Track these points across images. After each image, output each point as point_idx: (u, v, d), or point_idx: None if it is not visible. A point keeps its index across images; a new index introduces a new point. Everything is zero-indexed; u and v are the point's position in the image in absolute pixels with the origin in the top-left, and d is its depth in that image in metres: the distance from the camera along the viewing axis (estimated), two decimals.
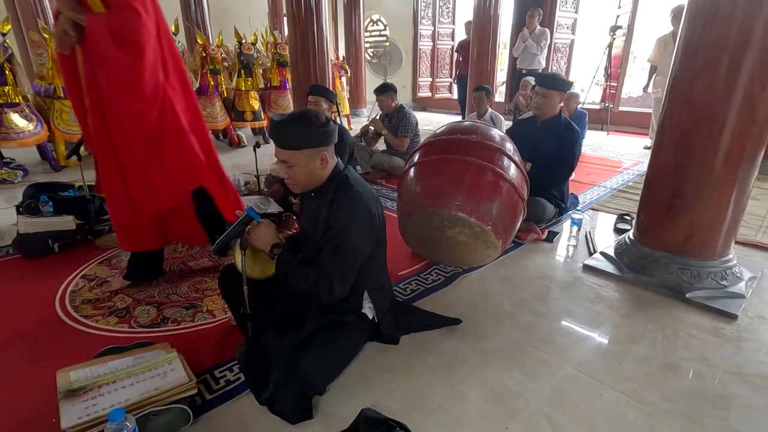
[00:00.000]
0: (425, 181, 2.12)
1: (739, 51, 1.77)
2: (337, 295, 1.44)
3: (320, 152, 1.41)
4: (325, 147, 1.42)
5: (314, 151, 1.40)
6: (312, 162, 1.42)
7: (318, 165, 1.43)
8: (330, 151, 1.46)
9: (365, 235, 1.46)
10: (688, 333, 1.79)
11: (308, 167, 1.42)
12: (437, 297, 2.08)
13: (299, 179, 1.46)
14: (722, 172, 1.92)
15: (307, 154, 1.40)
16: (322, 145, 1.41)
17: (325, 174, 1.48)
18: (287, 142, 1.39)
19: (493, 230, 1.99)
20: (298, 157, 1.40)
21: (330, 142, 1.44)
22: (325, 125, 1.40)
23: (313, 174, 1.45)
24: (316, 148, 1.40)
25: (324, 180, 1.50)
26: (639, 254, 2.23)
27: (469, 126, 2.24)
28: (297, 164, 1.41)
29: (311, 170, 1.43)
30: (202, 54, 5.24)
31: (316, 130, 1.38)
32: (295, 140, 1.38)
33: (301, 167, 1.42)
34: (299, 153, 1.39)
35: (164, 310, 1.95)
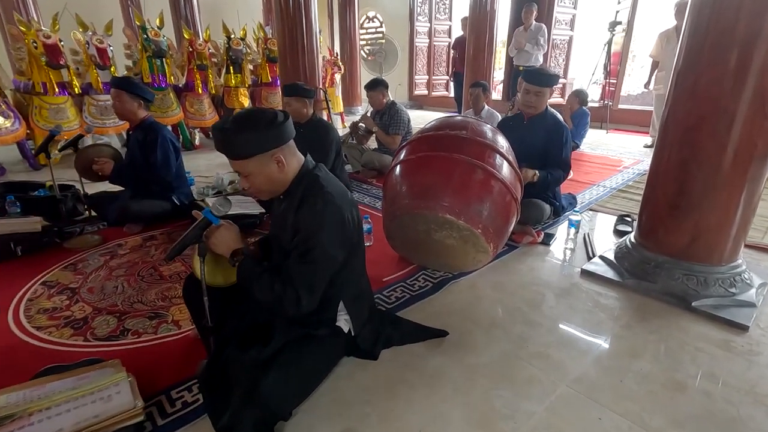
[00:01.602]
0: (411, 180, 1.97)
1: (750, 41, 1.62)
2: (305, 307, 1.29)
3: (274, 155, 1.26)
4: (279, 148, 1.26)
5: (266, 155, 1.24)
6: (267, 167, 1.26)
7: (276, 169, 1.28)
8: (288, 150, 1.30)
9: (337, 241, 1.30)
10: (694, 346, 1.64)
11: (265, 174, 1.27)
12: (424, 305, 1.93)
13: (260, 187, 1.31)
14: (731, 171, 1.78)
15: (259, 160, 1.24)
16: (273, 147, 1.25)
17: (288, 176, 1.32)
18: (233, 151, 1.24)
19: (484, 233, 1.84)
20: (251, 165, 1.25)
21: (283, 140, 1.27)
22: (272, 124, 1.24)
23: (273, 179, 1.30)
24: (268, 152, 1.24)
25: (290, 181, 1.34)
26: (640, 259, 2.08)
27: (459, 121, 2.09)
28: (252, 173, 1.27)
29: (269, 176, 1.28)
30: (188, 49, 5.07)
31: (262, 133, 1.22)
32: (242, 149, 1.22)
33: (257, 175, 1.27)
34: (250, 161, 1.24)
35: (126, 320, 1.79)
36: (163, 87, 4.94)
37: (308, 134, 3.17)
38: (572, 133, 5.18)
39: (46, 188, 3.03)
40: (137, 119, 2.72)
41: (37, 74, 4.17)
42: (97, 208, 2.91)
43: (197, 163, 4.78)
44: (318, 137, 3.11)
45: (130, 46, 5.06)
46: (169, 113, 5.05)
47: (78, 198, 2.97)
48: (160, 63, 4.84)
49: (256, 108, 1.33)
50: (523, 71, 5.81)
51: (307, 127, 3.18)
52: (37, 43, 4.04)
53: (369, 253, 2.45)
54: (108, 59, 4.46)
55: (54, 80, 4.26)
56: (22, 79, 4.33)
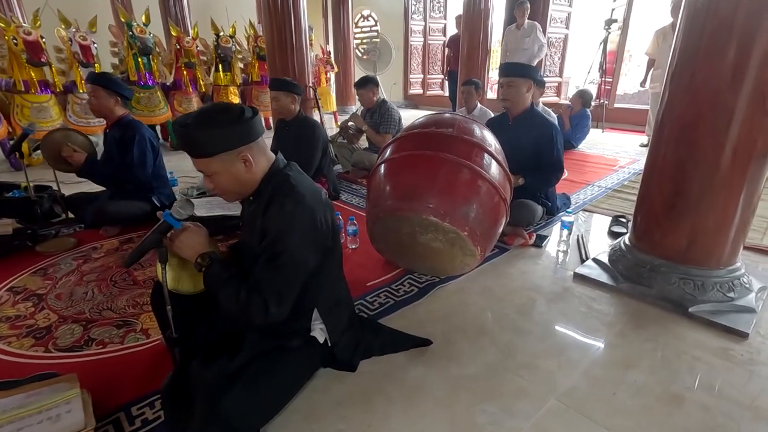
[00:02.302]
0: (394, 180, 1.87)
1: (750, 32, 1.54)
2: (274, 316, 1.19)
3: (241, 153, 1.16)
4: (246, 146, 1.17)
5: (232, 154, 1.15)
6: (233, 167, 1.17)
7: (242, 168, 1.18)
8: (257, 149, 1.21)
9: (307, 245, 1.21)
10: (692, 355, 1.55)
11: (231, 174, 1.18)
12: (408, 311, 1.84)
13: (226, 188, 1.21)
14: (729, 170, 1.69)
15: (224, 159, 1.14)
16: (240, 144, 1.15)
17: (256, 176, 1.23)
18: (195, 150, 1.14)
19: (470, 236, 1.75)
20: (215, 164, 1.15)
21: (251, 138, 1.18)
22: (239, 120, 1.14)
23: (240, 179, 1.20)
24: (234, 150, 1.15)
25: (258, 181, 1.25)
26: (635, 261, 1.99)
27: (446, 118, 1.99)
28: (216, 173, 1.17)
29: (235, 176, 1.19)
30: (176, 47, 4.97)
31: (227, 129, 1.12)
32: (205, 147, 1.13)
33: (223, 175, 1.17)
34: (214, 160, 1.14)
35: (92, 329, 1.69)
36: (150, 85, 4.84)
37: (294, 132, 3.08)
38: (569, 135, 5.12)
39: (21, 189, 2.92)
40: (114, 117, 2.62)
41: (18, 72, 4.06)
42: (75, 210, 2.81)
43: (185, 163, 4.67)
44: (304, 135, 3.02)
45: (116, 44, 4.95)
46: (156, 112, 4.95)
47: (55, 199, 2.86)
48: (147, 61, 4.73)
49: (222, 103, 1.24)
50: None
51: (294, 125, 3.09)
52: (17, 40, 3.92)
53: (355, 256, 2.39)
54: (92, 57, 4.35)
55: (36, 78, 4.15)
56: (3, 77, 4.21)
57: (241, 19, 5.65)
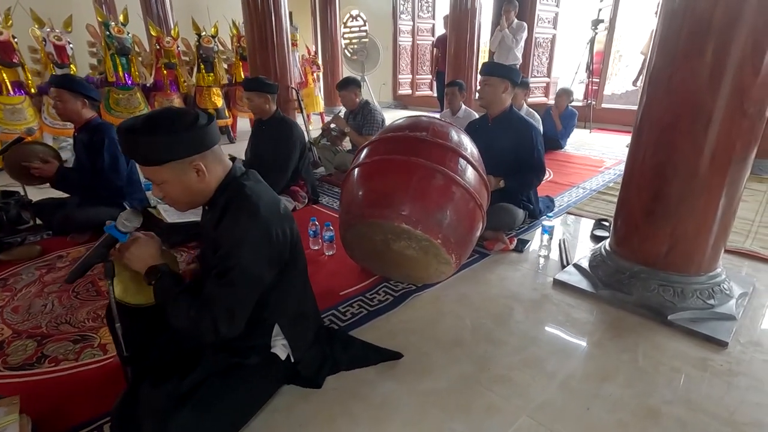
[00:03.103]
0: (366, 186, 1.81)
1: (727, 29, 1.49)
2: (225, 334, 1.12)
3: (193, 162, 1.08)
4: (200, 154, 1.09)
5: (183, 163, 1.07)
6: (184, 176, 1.09)
7: (194, 178, 1.10)
8: (211, 157, 1.13)
9: (260, 259, 1.14)
10: (670, 366, 1.50)
11: (182, 183, 1.10)
12: (382, 322, 1.77)
13: (176, 198, 1.14)
14: (709, 174, 1.65)
15: (174, 168, 1.07)
16: (192, 153, 1.07)
17: (209, 185, 1.15)
18: (143, 157, 1.06)
19: (444, 244, 1.69)
20: (164, 173, 1.07)
21: (205, 146, 1.10)
22: (191, 127, 1.06)
23: (192, 189, 1.12)
24: (186, 159, 1.07)
25: (213, 191, 1.18)
26: (615, 268, 1.94)
27: (421, 122, 1.93)
28: (166, 182, 1.09)
29: (187, 186, 1.11)
30: (156, 47, 4.86)
31: (178, 136, 1.04)
32: (153, 154, 1.05)
33: (173, 185, 1.10)
34: (163, 169, 1.06)
35: (46, 345, 1.61)
36: (129, 86, 4.71)
37: (270, 132, 3.00)
38: (561, 134, 5.09)
39: None
40: (82, 120, 2.52)
41: None
42: (43, 216, 2.71)
43: None
44: (281, 135, 2.95)
45: (94, 44, 4.83)
46: (136, 114, 4.83)
47: (23, 205, 2.76)
48: (126, 61, 4.61)
49: (175, 107, 1.16)
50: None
51: (270, 124, 3.01)
52: None
53: (330, 264, 2.32)
54: (67, 57, 4.23)
55: (9, 79, 4.02)
56: None
57: (224, 19, 5.54)
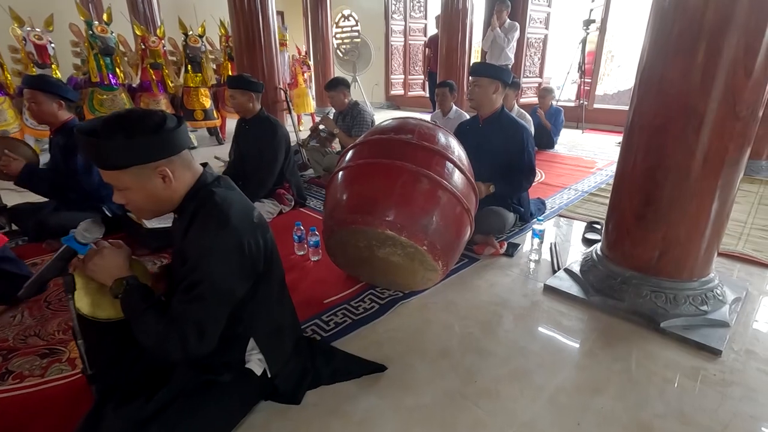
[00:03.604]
0: (349, 190, 1.74)
1: (719, 29, 1.45)
2: (195, 353, 1.06)
3: (158, 167, 1.01)
4: (166, 159, 1.02)
5: (147, 168, 1.00)
6: (148, 182, 1.02)
7: (160, 185, 1.03)
8: (179, 163, 1.06)
9: (231, 272, 1.07)
10: (663, 377, 1.45)
11: (146, 190, 1.03)
12: (367, 331, 1.71)
13: (140, 205, 1.06)
14: (700, 178, 1.60)
15: (136, 174, 1.00)
16: (157, 157, 1.01)
17: (177, 192, 1.08)
18: (103, 161, 0.99)
19: (430, 250, 1.63)
20: (126, 178, 1.00)
21: (171, 150, 1.03)
22: (157, 130, 1.00)
23: (157, 196, 1.05)
24: (150, 164, 1.00)
25: (181, 198, 1.11)
26: (607, 273, 1.90)
27: (408, 124, 1.87)
28: (128, 188, 1.02)
29: (151, 193, 1.04)
30: (141, 47, 4.76)
31: (141, 140, 0.97)
32: (114, 158, 0.98)
33: (136, 191, 1.03)
34: (125, 174, 0.99)
35: (12, 359, 1.53)
36: (114, 87, 4.61)
37: (254, 132, 2.93)
38: (552, 132, 5.05)
39: None
40: (58, 122, 2.43)
41: None
42: (19, 221, 2.62)
43: None
44: (265, 135, 2.87)
45: (78, 43, 4.72)
46: None
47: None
48: (110, 61, 4.50)
49: (140, 109, 1.08)
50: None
51: (253, 124, 2.93)
52: None
53: (316, 270, 2.25)
54: (48, 57, 4.13)
55: None
56: None
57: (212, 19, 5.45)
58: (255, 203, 2.86)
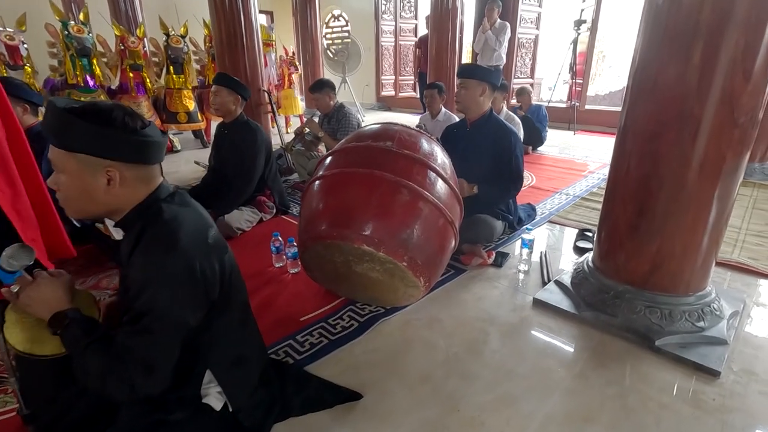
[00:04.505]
0: (324, 202, 1.63)
1: (717, 29, 1.35)
2: (144, 392, 0.94)
3: (108, 167, 0.92)
4: (121, 162, 0.93)
5: (96, 161, 0.91)
6: (90, 177, 0.92)
7: (101, 185, 0.93)
8: (135, 173, 0.97)
9: (180, 300, 0.95)
10: (658, 402, 1.35)
11: (83, 182, 0.93)
12: (344, 353, 1.60)
13: (69, 195, 0.95)
14: (697, 187, 1.51)
15: (84, 162, 0.91)
16: (112, 155, 0.92)
17: (117, 202, 0.97)
18: (59, 135, 0.90)
19: (410, 266, 1.52)
20: (71, 163, 0.91)
21: (133, 157, 0.94)
22: (129, 129, 0.92)
23: (91, 195, 0.94)
24: (102, 159, 0.91)
25: (123, 211, 0.99)
26: (599, 286, 1.80)
27: (387, 130, 1.76)
28: (67, 172, 0.92)
29: (87, 189, 0.93)
30: (120, 47, 4.60)
31: (106, 131, 0.89)
32: (71, 136, 0.89)
33: (72, 178, 0.92)
34: (72, 156, 0.90)
35: None
36: (92, 89, 4.45)
37: (232, 136, 2.81)
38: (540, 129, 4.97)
39: None
40: (23, 126, 2.29)
41: None
42: None
43: None
44: (245, 140, 2.75)
45: (54, 44, 4.55)
46: None
47: None
48: (87, 62, 4.35)
49: (129, 108, 0.98)
50: None
51: (232, 128, 2.81)
52: None
53: (293, 284, 2.11)
54: (20, 58, 3.97)
55: None
56: None
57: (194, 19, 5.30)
58: (233, 211, 2.77)
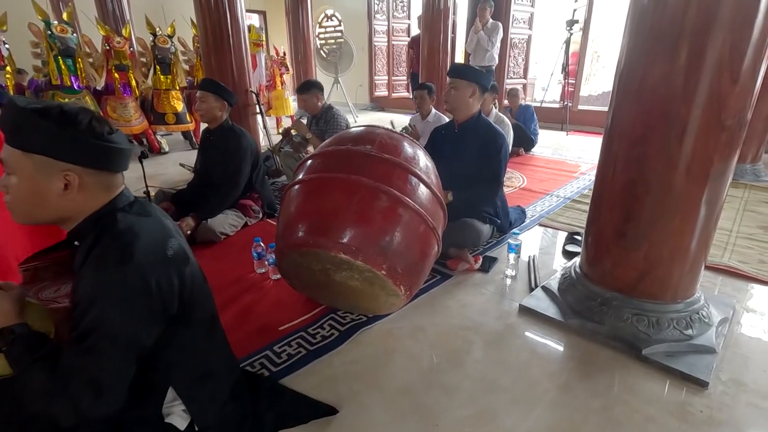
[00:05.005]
0: (301, 208, 1.57)
1: (703, 29, 1.31)
2: (92, 414, 0.88)
3: (67, 171, 0.87)
4: (82, 167, 0.88)
5: (54, 164, 0.86)
6: (45, 181, 0.87)
7: (56, 190, 0.88)
8: (95, 180, 0.92)
9: (132, 316, 0.89)
10: (644, 415, 1.31)
11: (37, 185, 0.87)
12: (322, 364, 1.54)
13: (18, 197, 0.89)
14: (684, 192, 1.47)
15: (39, 164, 0.86)
16: (73, 160, 0.87)
17: (72, 209, 0.92)
18: (16, 134, 0.86)
19: (389, 275, 1.47)
20: (25, 164, 0.86)
21: (95, 163, 0.90)
22: (94, 134, 0.88)
23: (43, 199, 0.88)
24: (61, 163, 0.86)
25: (77, 219, 0.94)
26: (586, 293, 1.76)
27: (368, 133, 1.71)
28: (19, 173, 0.87)
29: (41, 192, 0.88)
30: (105, 47, 4.53)
31: (70, 133, 0.85)
32: (29, 135, 0.85)
33: (25, 180, 0.87)
34: (28, 158, 0.86)
35: None
36: (77, 90, 4.37)
37: (217, 142, 2.76)
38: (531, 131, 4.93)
39: None
40: None
41: None
42: None
43: None
44: (228, 145, 2.70)
45: (38, 44, 4.47)
46: None
47: None
48: (71, 62, 4.27)
49: (96, 113, 0.93)
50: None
51: (217, 134, 2.76)
52: None
53: (275, 291, 2.04)
54: (1, 58, 3.88)
55: None
56: None
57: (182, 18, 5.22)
58: (218, 215, 2.71)
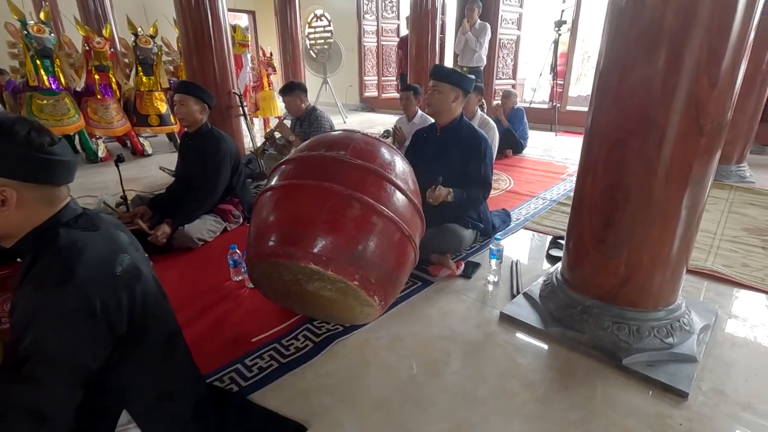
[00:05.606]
0: (272, 216, 1.52)
1: (681, 32, 1.28)
2: None
3: (2, 186, 0.82)
4: (20, 182, 0.84)
5: None
6: None
7: None
8: (35, 194, 0.87)
9: (74, 340, 0.84)
10: (623, 428, 1.27)
11: None
12: (294, 378, 1.49)
13: None
14: (663, 198, 1.43)
15: None
16: (8, 175, 0.83)
17: (10, 225, 0.87)
18: None
19: (362, 285, 1.42)
20: None
21: (34, 177, 0.85)
22: (33, 147, 0.83)
23: None
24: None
25: (20, 235, 0.89)
26: (566, 301, 1.72)
27: (342, 138, 1.66)
28: None
29: None
30: (85, 48, 4.42)
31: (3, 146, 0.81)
32: None
33: None
34: None
35: None
36: (55, 91, 4.27)
37: (197, 146, 2.68)
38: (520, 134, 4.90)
39: None
40: None
41: None
42: None
43: (102, 178, 4.15)
44: (207, 150, 2.63)
45: (14, 44, 4.36)
46: (65, 121, 4.37)
47: None
48: (49, 63, 4.17)
49: (22, 118, 0.88)
50: (468, 72, 5.52)
51: (197, 138, 2.69)
52: None
53: (250, 300, 1.97)
54: None
55: None
56: None
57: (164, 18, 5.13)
58: (195, 220, 2.64)
